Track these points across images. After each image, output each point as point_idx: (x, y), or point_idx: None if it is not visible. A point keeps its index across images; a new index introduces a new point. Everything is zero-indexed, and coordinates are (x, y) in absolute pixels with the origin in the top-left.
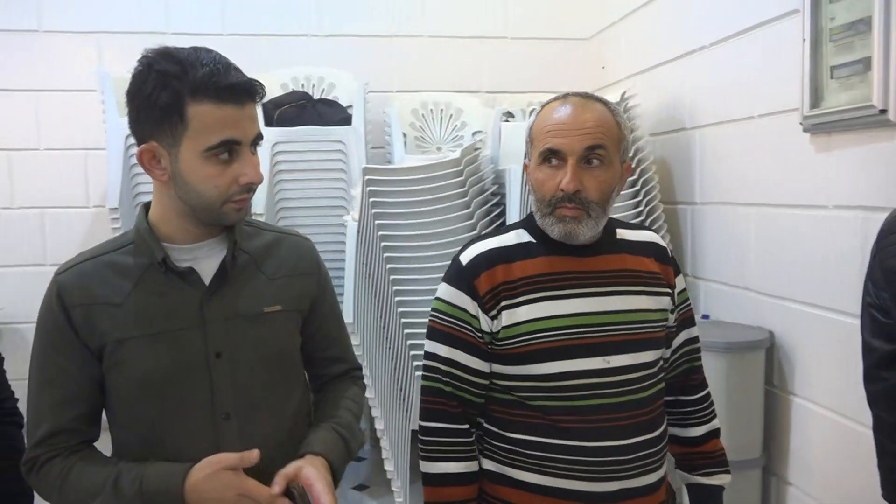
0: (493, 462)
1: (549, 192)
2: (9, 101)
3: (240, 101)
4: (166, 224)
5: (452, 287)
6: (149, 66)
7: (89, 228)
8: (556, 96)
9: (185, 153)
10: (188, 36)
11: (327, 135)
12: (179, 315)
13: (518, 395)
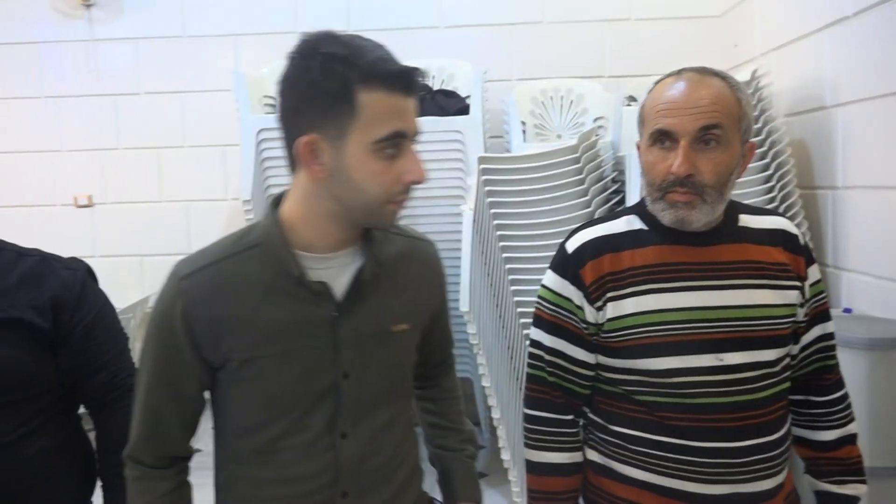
0: (597, 454)
1: (659, 176)
2: (157, 103)
3: (408, 89)
4: (306, 227)
5: (557, 275)
6: (313, 49)
7: (228, 219)
8: (670, 73)
9: (352, 146)
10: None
11: (445, 125)
12: (310, 332)
13: (624, 388)
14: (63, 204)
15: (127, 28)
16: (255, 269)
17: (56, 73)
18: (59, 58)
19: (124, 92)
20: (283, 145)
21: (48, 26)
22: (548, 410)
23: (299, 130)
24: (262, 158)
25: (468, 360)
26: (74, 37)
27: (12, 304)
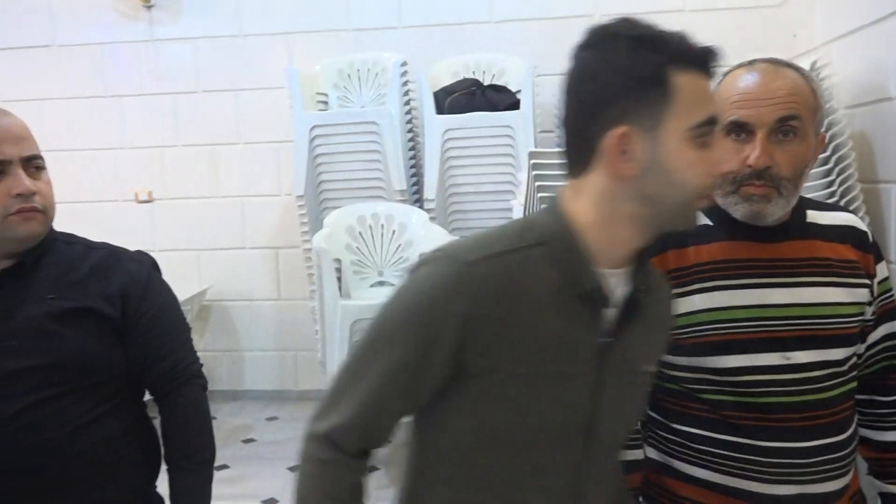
0: (657, 452)
1: (734, 169)
2: (213, 101)
3: (712, 71)
4: (601, 234)
5: None
6: (614, 36)
7: (281, 215)
8: (741, 63)
9: (668, 135)
10: (368, 31)
11: (495, 120)
12: (576, 357)
13: (687, 386)
14: (124, 200)
15: (185, 28)
16: (542, 270)
17: (118, 73)
18: (121, 58)
19: (182, 90)
20: (566, 148)
21: (111, 28)
22: None
23: (604, 126)
24: (314, 154)
25: None
26: (135, 37)
27: (84, 294)
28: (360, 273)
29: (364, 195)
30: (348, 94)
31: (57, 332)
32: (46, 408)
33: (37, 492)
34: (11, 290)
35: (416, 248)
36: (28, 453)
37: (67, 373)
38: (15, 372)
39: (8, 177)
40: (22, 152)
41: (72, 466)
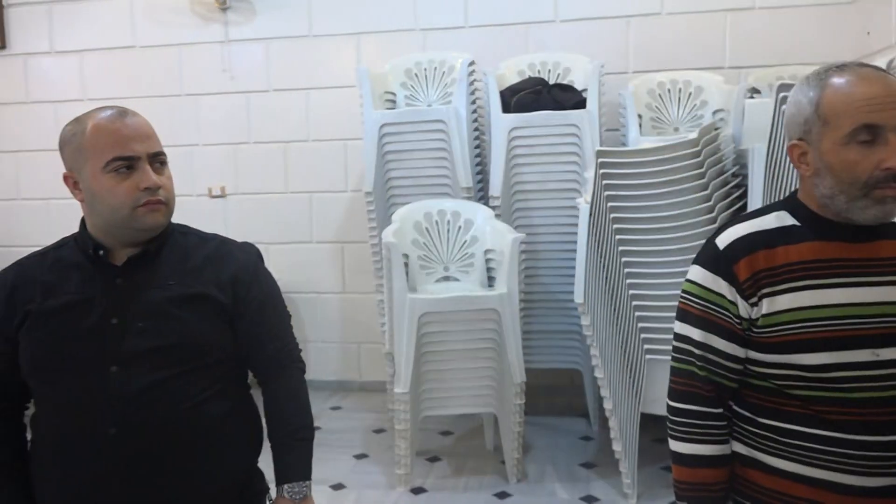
0: (743, 445)
1: (864, 173)
2: (284, 99)
3: None
4: None
5: (708, 271)
6: None
7: (347, 210)
8: (833, 69)
9: (826, 142)
10: (435, 30)
11: (562, 119)
12: None
13: (776, 383)
14: (198, 194)
15: (258, 29)
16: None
17: (195, 73)
18: (197, 58)
19: (255, 89)
20: None
21: (188, 29)
22: (698, 404)
23: None
24: (383, 152)
25: (578, 352)
26: (211, 39)
27: (199, 281)
28: (427, 268)
29: (431, 192)
30: (415, 92)
31: (177, 316)
32: (170, 384)
33: (160, 459)
34: (138, 275)
35: (480, 245)
36: (154, 424)
37: (187, 353)
38: (145, 351)
39: (136, 172)
40: (149, 149)
41: (190, 439)
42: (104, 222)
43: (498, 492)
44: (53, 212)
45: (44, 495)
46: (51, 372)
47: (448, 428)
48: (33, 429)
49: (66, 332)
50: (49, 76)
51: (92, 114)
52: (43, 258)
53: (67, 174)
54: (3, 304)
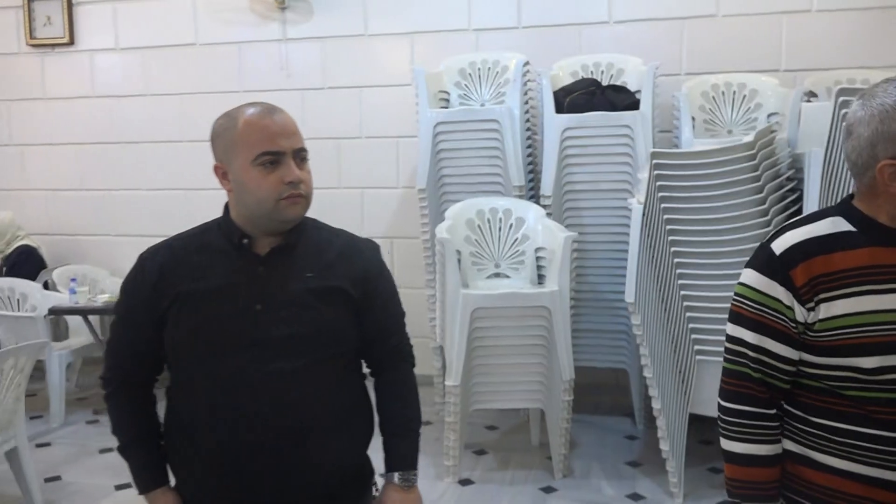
0: (794, 443)
1: None
2: (339, 97)
3: None
4: None
5: (764, 276)
6: None
7: (398, 206)
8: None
9: None
10: (488, 31)
11: (615, 120)
12: None
13: (830, 384)
14: None
15: (315, 28)
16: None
17: (253, 70)
18: (256, 56)
19: (310, 87)
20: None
21: (248, 28)
22: (751, 405)
23: None
24: (437, 150)
25: (625, 352)
26: (270, 37)
27: (334, 275)
28: (478, 264)
29: (483, 190)
30: (469, 92)
31: (316, 307)
32: (308, 370)
33: (295, 440)
34: (279, 266)
35: (531, 243)
36: (292, 407)
37: (323, 343)
38: (287, 337)
39: (281, 166)
40: (293, 145)
41: (322, 424)
42: (249, 212)
43: (544, 486)
44: (115, 202)
45: (181, 466)
46: (200, 351)
47: (494, 423)
48: (171, 404)
49: (215, 315)
50: (113, 72)
51: (242, 109)
52: (189, 241)
53: (218, 165)
54: (155, 284)
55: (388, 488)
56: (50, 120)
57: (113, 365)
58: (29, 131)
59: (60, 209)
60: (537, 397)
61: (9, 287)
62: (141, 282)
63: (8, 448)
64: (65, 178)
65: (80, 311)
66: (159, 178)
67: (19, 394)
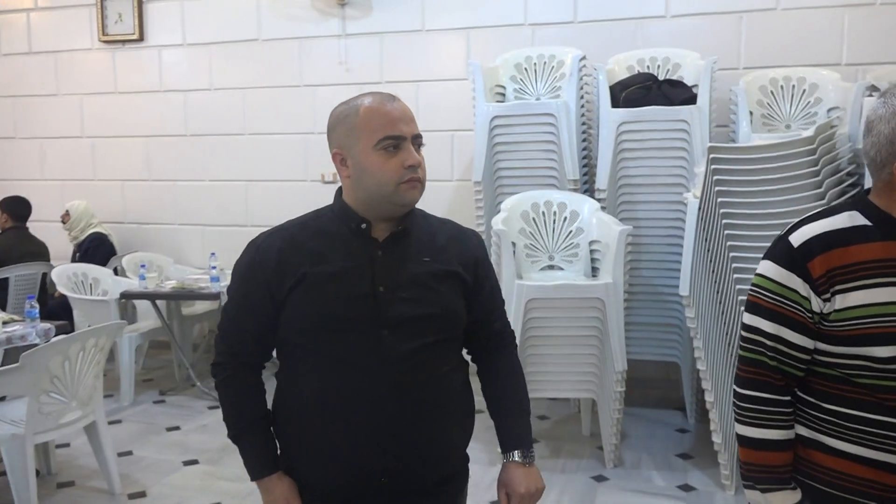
0: (806, 428)
1: None
2: (396, 91)
3: None
4: None
5: (782, 268)
6: None
7: (452, 198)
8: None
9: None
10: (544, 25)
11: (671, 115)
12: None
13: (843, 372)
14: (312, 180)
15: (374, 24)
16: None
17: (313, 65)
18: (316, 51)
19: (368, 81)
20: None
21: (309, 24)
22: (767, 391)
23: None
24: (493, 143)
25: (677, 345)
26: (329, 32)
27: (448, 259)
28: (532, 256)
29: (538, 183)
30: (524, 86)
31: (436, 289)
32: (430, 351)
33: (421, 419)
34: (396, 250)
35: (586, 236)
36: (417, 386)
37: (442, 324)
38: (411, 318)
39: (402, 151)
40: (413, 131)
41: (443, 403)
42: (368, 196)
43: (595, 475)
44: (179, 192)
45: (296, 450)
46: (329, 332)
47: (545, 413)
48: (284, 387)
49: (341, 296)
50: (180, 66)
51: (361, 97)
52: (304, 227)
53: (337, 151)
54: (274, 267)
55: (510, 466)
56: (120, 113)
57: (228, 349)
58: (100, 124)
59: (129, 199)
60: (589, 387)
61: (83, 272)
62: (258, 265)
63: (87, 422)
64: (133, 169)
65: (149, 296)
66: (221, 170)
67: (98, 371)
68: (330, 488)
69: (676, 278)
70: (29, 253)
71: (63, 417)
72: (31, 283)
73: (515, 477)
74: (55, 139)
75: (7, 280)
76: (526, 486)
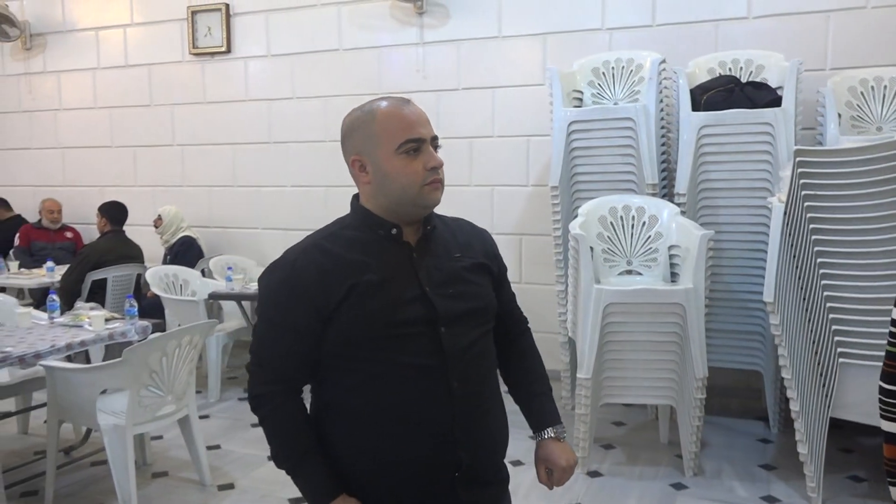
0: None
1: None
2: (472, 98)
3: None
4: None
5: None
6: None
7: (526, 204)
8: None
9: None
10: (621, 30)
11: (755, 117)
12: None
13: None
14: None
15: (451, 32)
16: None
17: (391, 73)
18: (394, 60)
19: (445, 88)
20: None
21: (387, 33)
22: None
23: None
24: (570, 148)
25: (759, 353)
26: (408, 41)
27: (475, 253)
28: (610, 261)
29: (615, 188)
30: (602, 91)
31: (475, 282)
32: (482, 343)
33: (484, 410)
34: (430, 250)
35: (665, 241)
36: (478, 379)
37: (486, 316)
38: (462, 313)
39: (422, 153)
40: (430, 133)
41: (494, 391)
42: (391, 201)
43: (674, 483)
44: (262, 197)
45: (368, 459)
46: (387, 338)
47: (620, 419)
48: (345, 401)
49: (395, 301)
50: (264, 77)
51: (375, 103)
52: (334, 238)
53: (356, 158)
54: (317, 284)
55: (546, 442)
56: (207, 122)
57: (272, 377)
58: (189, 133)
59: (215, 204)
60: (668, 394)
61: (173, 274)
62: (298, 284)
63: (181, 416)
64: (219, 175)
65: (236, 297)
66: (302, 176)
67: (192, 367)
68: (403, 493)
69: (758, 284)
70: (125, 255)
71: (159, 410)
72: (126, 284)
73: (554, 452)
74: (147, 147)
75: (105, 280)
76: (566, 459)
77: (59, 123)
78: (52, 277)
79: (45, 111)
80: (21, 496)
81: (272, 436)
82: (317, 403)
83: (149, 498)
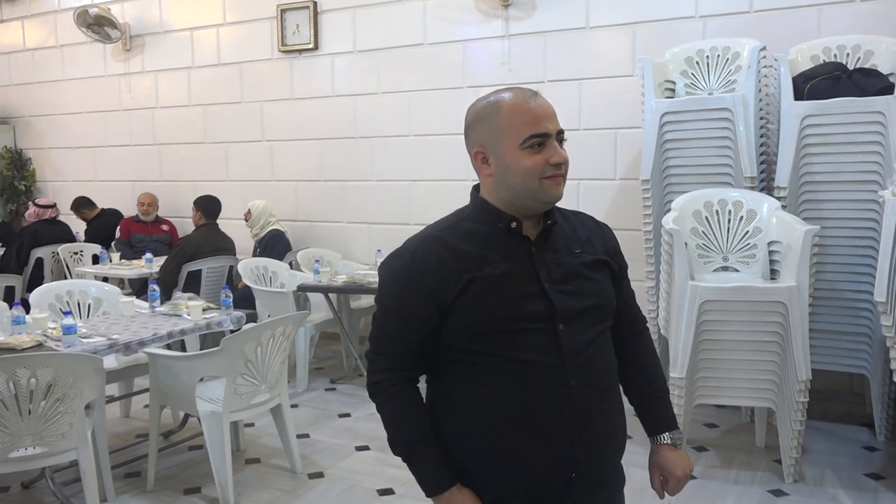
0: None
1: None
2: (558, 90)
3: None
4: None
5: None
6: None
7: (615, 197)
8: None
9: None
10: (716, 17)
11: (865, 106)
12: None
13: None
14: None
15: (537, 23)
16: None
17: (476, 67)
18: (479, 53)
19: (531, 80)
20: None
21: (472, 26)
22: None
23: None
24: (662, 140)
25: (866, 356)
26: (492, 34)
27: (595, 249)
28: (705, 257)
29: (710, 181)
30: (695, 80)
31: (595, 279)
32: (601, 341)
33: (601, 408)
34: (550, 245)
35: (764, 236)
36: (596, 377)
37: (605, 313)
38: (581, 310)
39: (547, 148)
40: (556, 127)
41: (614, 389)
42: (512, 195)
43: (773, 489)
44: (348, 192)
45: (484, 454)
46: (506, 333)
47: (713, 420)
48: (462, 394)
49: (514, 296)
50: (350, 73)
51: (502, 94)
52: (454, 230)
53: (479, 150)
54: (436, 274)
55: (662, 448)
56: (295, 118)
57: (390, 364)
58: (278, 128)
59: (302, 198)
60: (768, 396)
61: (263, 266)
62: (417, 274)
63: (274, 405)
64: (307, 170)
65: (323, 289)
66: (386, 170)
67: (284, 357)
68: (519, 490)
69: (866, 283)
70: (219, 248)
71: (254, 399)
72: (220, 275)
73: (670, 460)
74: (238, 143)
75: (200, 272)
76: (682, 468)
77: (156, 121)
78: (151, 268)
79: (143, 109)
80: (125, 476)
81: (389, 422)
82: (432, 395)
83: (243, 483)
